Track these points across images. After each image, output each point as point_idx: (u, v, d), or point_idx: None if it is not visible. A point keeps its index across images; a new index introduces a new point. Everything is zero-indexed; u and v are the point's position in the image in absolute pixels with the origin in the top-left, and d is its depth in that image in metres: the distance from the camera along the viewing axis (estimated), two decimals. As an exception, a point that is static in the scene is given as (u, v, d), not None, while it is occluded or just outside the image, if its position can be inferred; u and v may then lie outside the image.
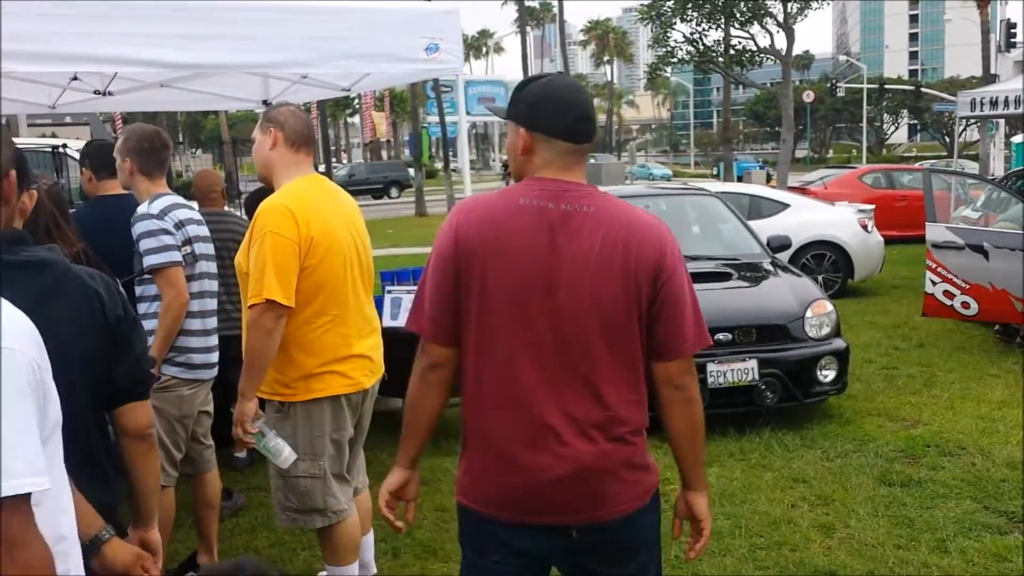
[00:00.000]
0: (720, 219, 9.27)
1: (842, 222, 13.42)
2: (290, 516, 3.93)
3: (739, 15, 27.91)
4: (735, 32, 29.12)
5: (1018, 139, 25.27)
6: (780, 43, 27.99)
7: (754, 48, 28.57)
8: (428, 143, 47.37)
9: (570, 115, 2.52)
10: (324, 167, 35.95)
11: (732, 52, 29.16)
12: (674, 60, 30.00)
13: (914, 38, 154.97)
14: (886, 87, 60.57)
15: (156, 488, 2.63)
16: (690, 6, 28.35)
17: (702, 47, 29.01)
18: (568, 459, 2.46)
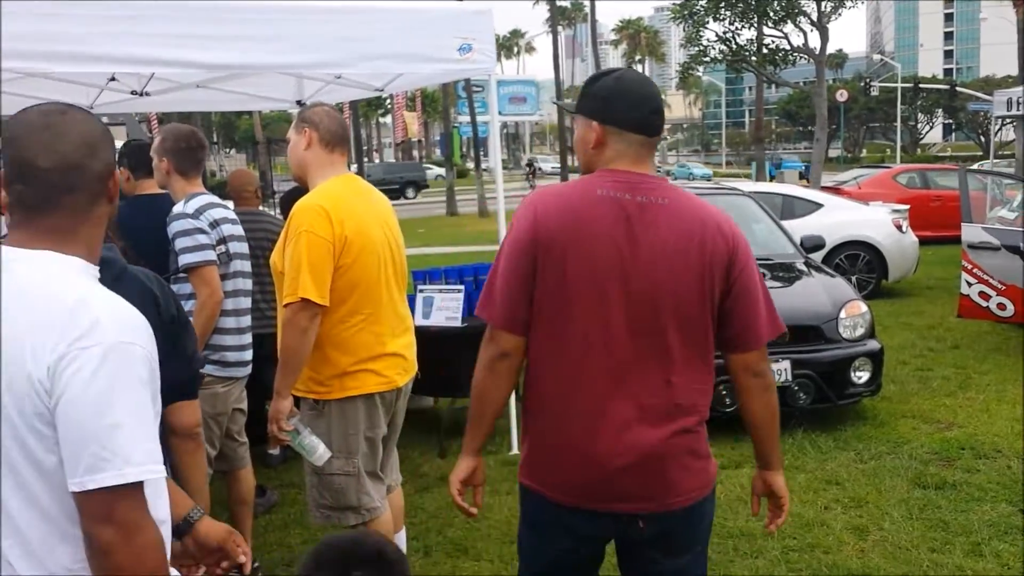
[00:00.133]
0: (753, 219, 9.23)
1: (876, 222, 13.32)
2: (324, 513, 3.95)
3: (772, 14, 27.69)
4: (768, 31, 28.91)
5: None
6: (814, 42, 27.77)
7: (787, 47, 28.38)
8: (459, 143, 47.44)
9: (644, 108, 2.57)
10: (356, 167, 36.08)
11: (765, 51, 28.95)
12: (707, 59, 29.79)
13: (949, 37, 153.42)
14: (921, 86, 59.99)
15: (203, 484, 2.66)
16: (723, 5, 28.17)
17: (735, 46, 28.84)
18: (635, 446, 2.50)
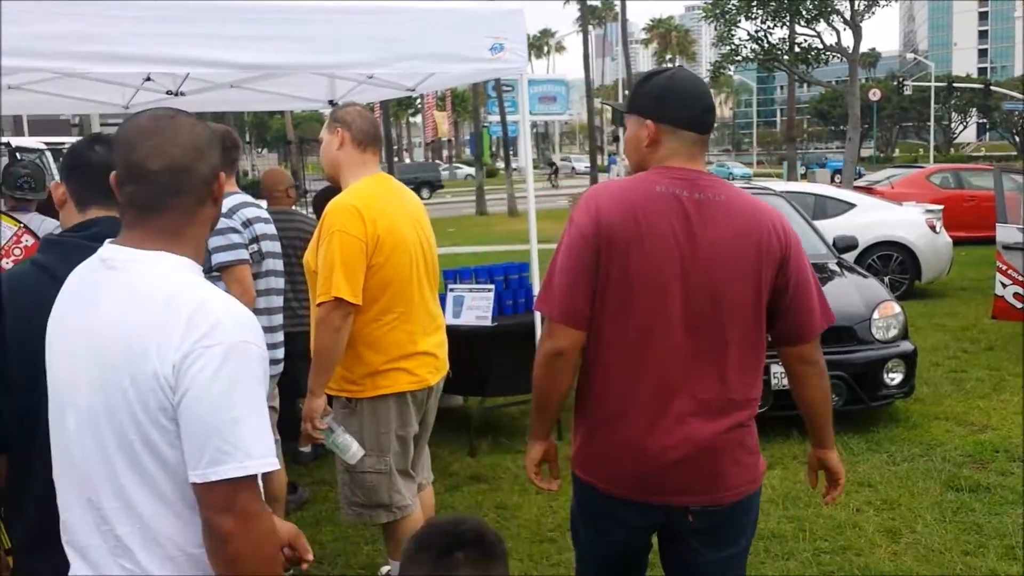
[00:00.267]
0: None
1: (909, 222, 13.22)
2: (356, 511, 3.98)
3: (805, 12, 27.53)
4: (801, 29, 28.73)
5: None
6: (846, 41, 27.59)
7: (820, 46, 28.18)
8: (489, 142, 47.45)
9: (697, 106, 2.60)
10: (386, 166, 36.18)
11: (797, 50, 28.77)
12: (738, 58, 29.65)
13: (983, 35, 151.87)
14: (955, 85, 59.42)
15: None
16: (755, 4, 28.00)
17: (767, 45, 28.67)
18: (689, 440, 2.52)
